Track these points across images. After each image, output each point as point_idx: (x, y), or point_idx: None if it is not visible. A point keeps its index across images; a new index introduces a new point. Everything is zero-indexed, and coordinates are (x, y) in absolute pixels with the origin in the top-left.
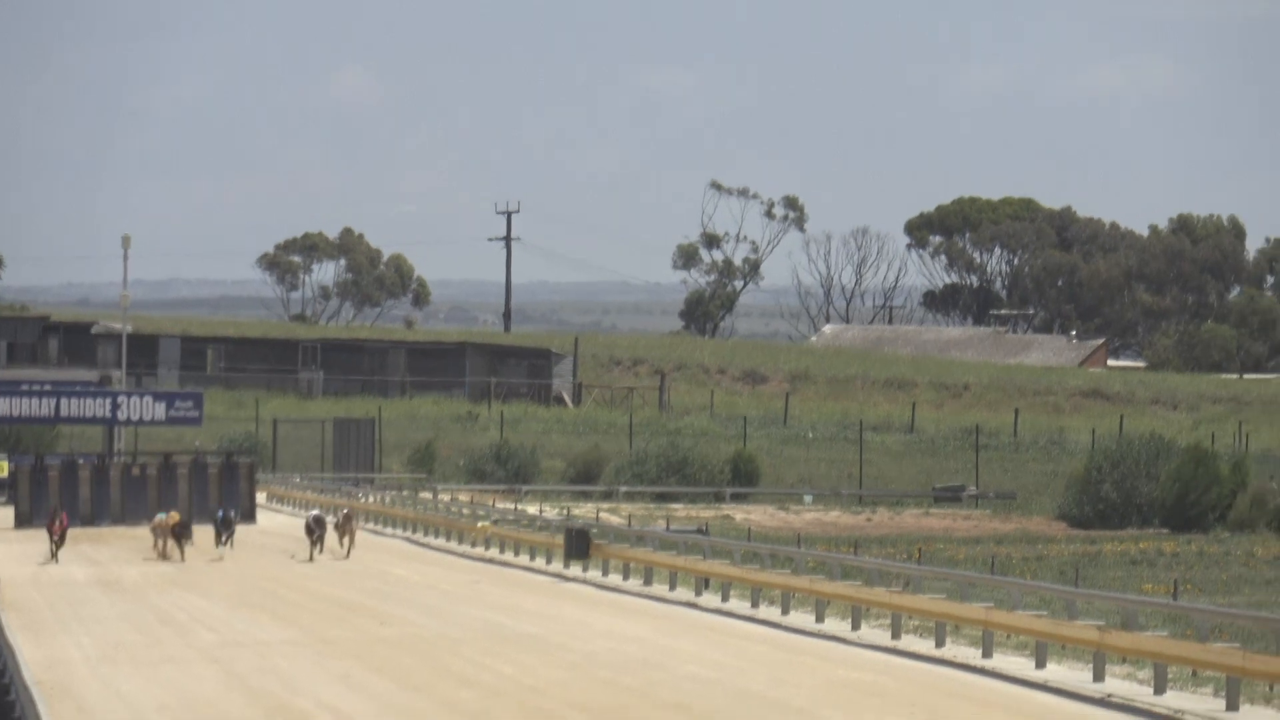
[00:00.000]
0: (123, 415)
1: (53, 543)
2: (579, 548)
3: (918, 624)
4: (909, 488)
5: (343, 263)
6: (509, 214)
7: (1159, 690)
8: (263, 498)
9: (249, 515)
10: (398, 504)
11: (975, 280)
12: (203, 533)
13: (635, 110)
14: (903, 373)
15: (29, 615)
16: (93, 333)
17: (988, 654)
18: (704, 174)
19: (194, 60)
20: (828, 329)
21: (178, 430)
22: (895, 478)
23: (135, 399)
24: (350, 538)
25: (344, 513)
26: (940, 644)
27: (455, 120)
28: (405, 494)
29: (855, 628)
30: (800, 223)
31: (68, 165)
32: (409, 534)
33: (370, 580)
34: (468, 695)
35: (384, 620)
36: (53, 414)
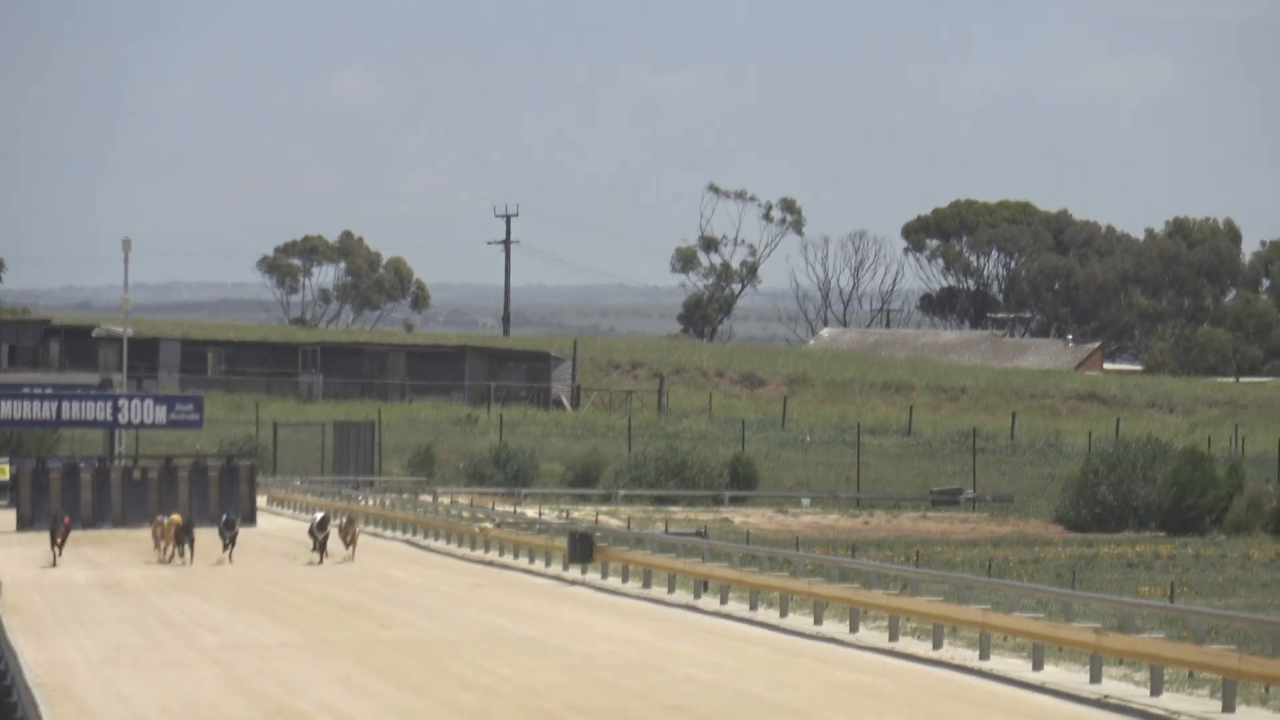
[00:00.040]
0: (123, 418)
1: (54, 546)
2: (583, 551)
3: (915, 626)
4: (906, 491)
5: (342, 266)
6: (508, 217)
7: (1155, 692)
8: (263, 501)
9: (249, 518)
10: (398, 507)
11: (972, 283)
12: (203, 535)
13: (633, 112)
14: (900, 376)
15: (31, 618)
16: (93, 336)
17: (985, 656)
18: (702, 176)
19: (194, 61)
20: (825, 332)
21: (178, 433)
22: (893, 481)
23: (136, 402)
24: (353, 541)
25: (346, 517)
26: (938, 646)
27: (454, 122)
28: (405, 497)
29: (853, 630)
30: (798, 226)
31: (68, 166)
32: (409, 537)
33: (370, 583)
34: (467, 697)
35: (384, 622)
36: (54, 417)
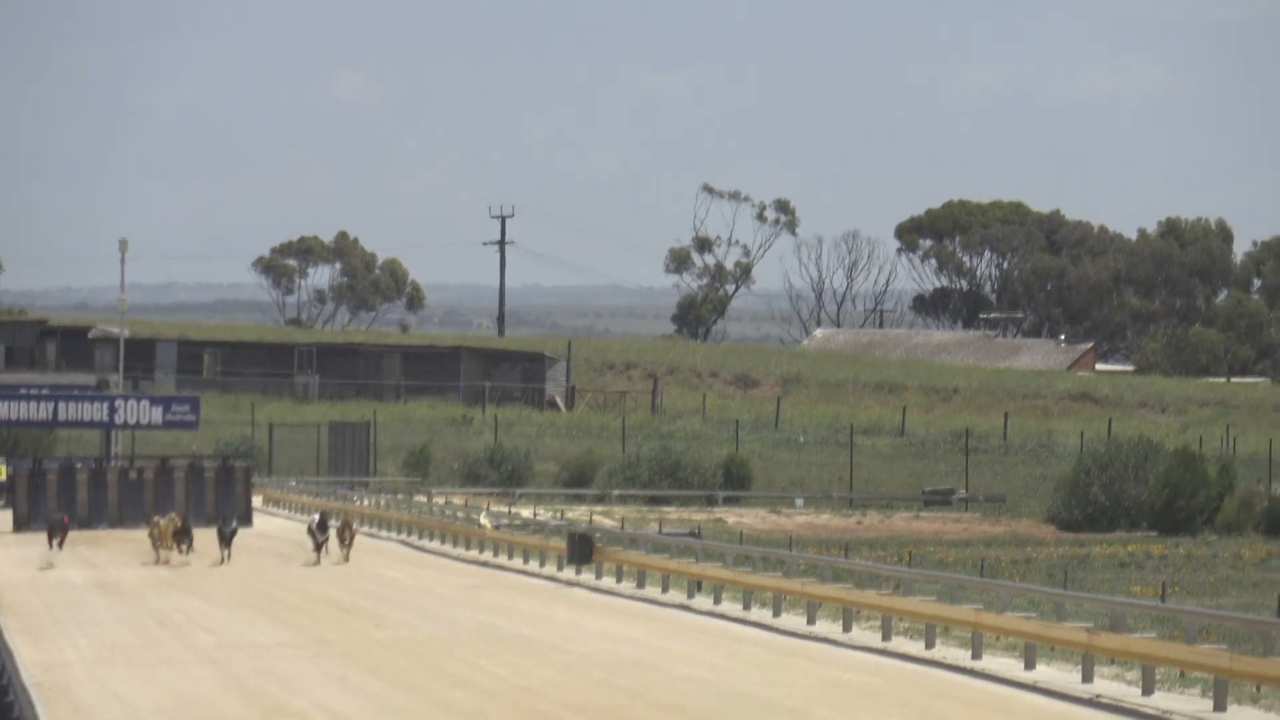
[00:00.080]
0: (120, 419)
1: (52, 547)
2: (582, 552)
3: (908, 626)
4: (899, 491)
5: (338, 267)
6: (503, 218)
7: (1147, 691)
8: (258, 501)
9: (245, 519)
10: (393, 507)
11: (965, 284)
12: (201, 536)
13: (628, 114)
14: (893, 376)
15: (27, 618)
16: (90, 337)
17: (977, 655)
18: (696, 177)
19: (191, 62)
20: (819, 333)
21: (174, 434)
22: (886, 481)
23: (132, 403)
24: (350, 542)
25: (344, 518)
26: (930, 645)
27: (449, 124)
28: (400, 497)
29: (846, 629)
30: (791, 226)
31: (66, 167)
32: (404, 537)
33: (366, 583)
34: (462, 696)
35: (380, 622)
36: (50, 418)
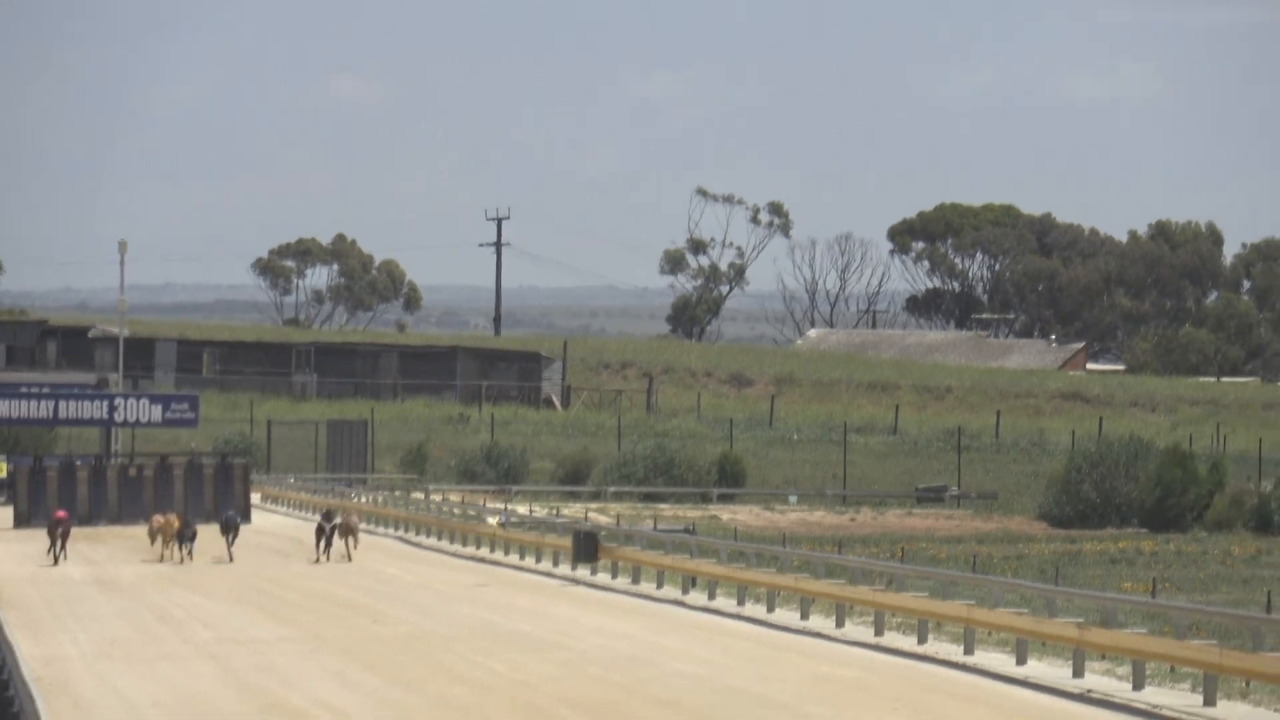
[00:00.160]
0: (120, 417)
1: (54, 545)
2: (588, 550)
3: (900, 621)
4: (892, 488)
5: (335, 267)
6: (499, 219)
7: (1138, 686)
8: (257, 498)
9: (244, 516)
10: (390, 504)
11: (957, 285)
12: (203, 533)
13: (624, 117)
14: (886, 376)
15: (27, 613)
16: (90, 336)
17: (969, 651)
18: (691, 180)
19: (190, 64)
20: (812, 333)
21: (174, 432)
22: (879, 479)
23: (132, 401)
24: (353, 539)
25: (346, 516)
26: (923, 641)
27: (446, 126)
28: (398, 494)
29: (839, 625)
30: (785, 228)
31: (66, 168)
32: (402, 533)
33: (364, 579)
34: (460, 691)
35: (378, 618)
36: (51, 416)
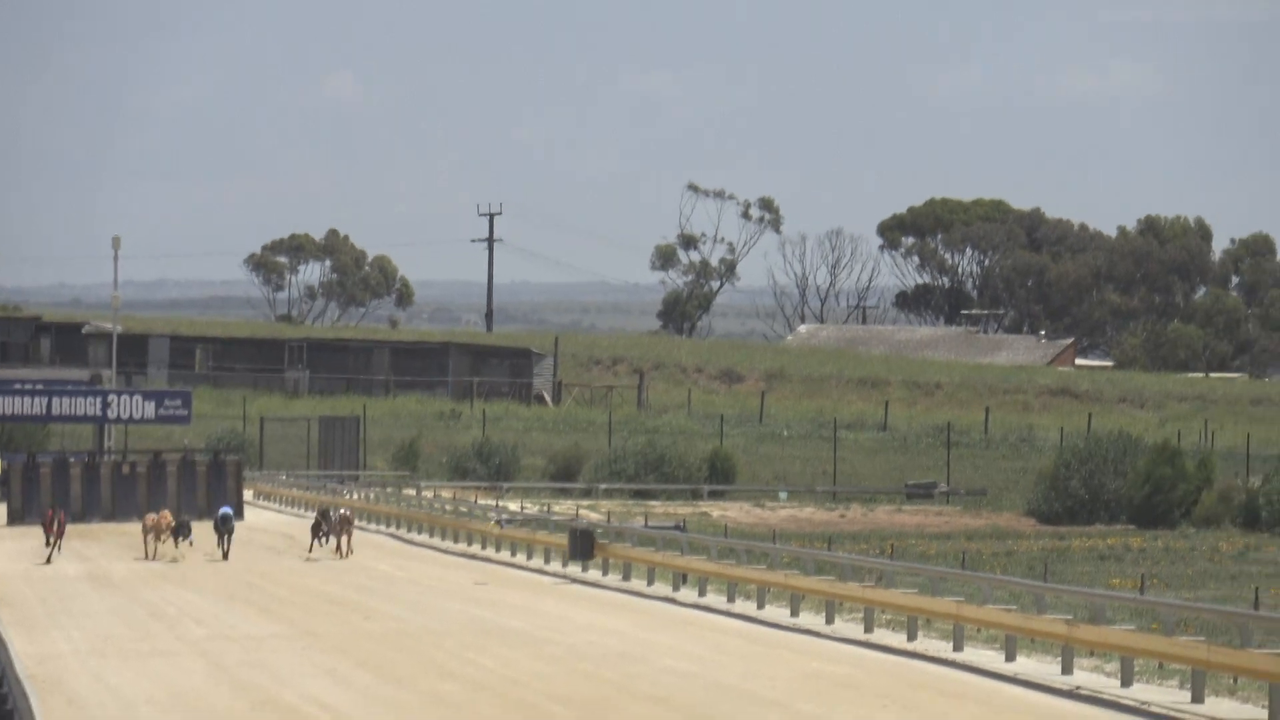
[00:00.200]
0: (113, 414)
1: (49, 542)
2: (584, 548)
3: (890, 618)
4: (882, 485)
5: (328, 263)
6: (491, 216)
7: (1126, 683)
8: (249, 495)
9: (237, 512)
10: (382, 501)
11: (947, 281)
12: (197, 529)
13: (615, 114)
14: (876, 372)
15: (21, 610)
16: (84, 333)
17: (958, 647)
18: (682, 176)
19: (185, 63)
20: (803, 329)
21: (167, 428)
22: (868, 475)
23: (125, 398)
24: (348, 536)
25: (342, 513)
26: (912, 638)
27: (438, 123)
28: (390, 491)
29: (829, 622)
30: (776, 224)
31: (60, 165)
32: (393, 530)
33: (356, 576)
34: (451, 688)
35: (369, 615)
36: (44, 412)
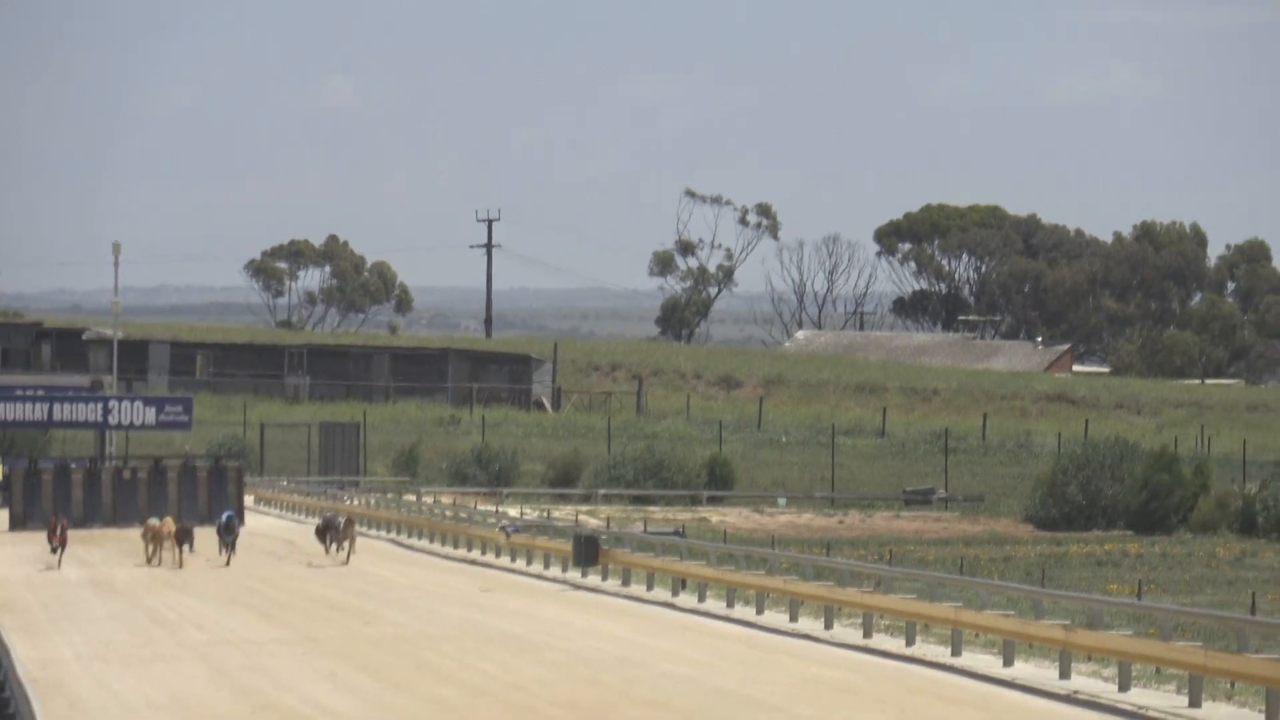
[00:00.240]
0: (114, 419)
1: (53, 550)
2: (588, 554)
3: (889, 623)
4: (880, 490)
5: (328, 269)
6: (489, 221)
7: (1123, 688)
8: (250, 501)
9: (239, 518)
10: (382, 506)
11: (943, 287)
12: (199, 536)
13: (613, 121)
14: (873, 378)
15: (23, 616)
16: (84, 339)
17: (957, 652)
18: (680, 182)
19: (186, 66)
20: (800, 335)
21: (167, 434)
22: (866, 481)
23: (126, 404)
24: (350, 543)
25: (344, 519)
26: (910, 643)
27: (437, 129)
28: (389, 497)
29: (828, 627)
30: (773, 230)
31: (61, 170)
32: (393, 535)
33: (356, 581)
34: (451, 693)
35: (369, 620)
36: (46, 418)
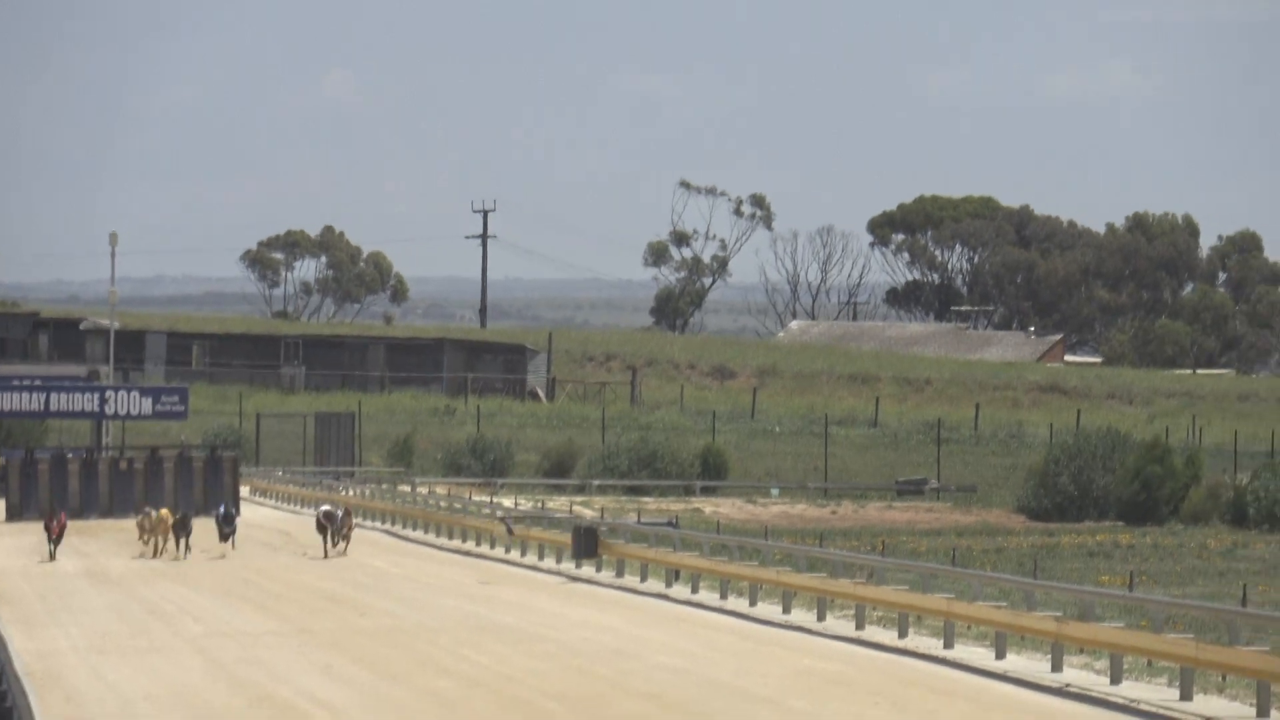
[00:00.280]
0: (110, 410)
1: (51, 542)
2: (588, 546)
3: (881, 615)
4: (873, 481)
5: (323, 260)
6: (485, 212)
7: (1115, 680)
8: (246, 491)
9: (235, 509)
10: (378, 497)
11: (937, 277)
12: (197, 526)
13: (609, 112)
14: (866, 368)
15: (19, 607)
16: (81, 329)
17: (949, 644)
18: (674, 173)
19: (183, 62)
20: (794, 325)
21: (164, 424)
22: (859, 471)
23: (123, 394)
24: (347, 535)
25: (342, 511)
26: (903, 634)
27: (433, 121)
28: (385, 487)
29: (821, 618)
30: (767, 221)
31: (60, 164)
32: (389, 526)
33: (352, 572)
34: (446, 684)
35: (364, 611)
36: (42, 408)
